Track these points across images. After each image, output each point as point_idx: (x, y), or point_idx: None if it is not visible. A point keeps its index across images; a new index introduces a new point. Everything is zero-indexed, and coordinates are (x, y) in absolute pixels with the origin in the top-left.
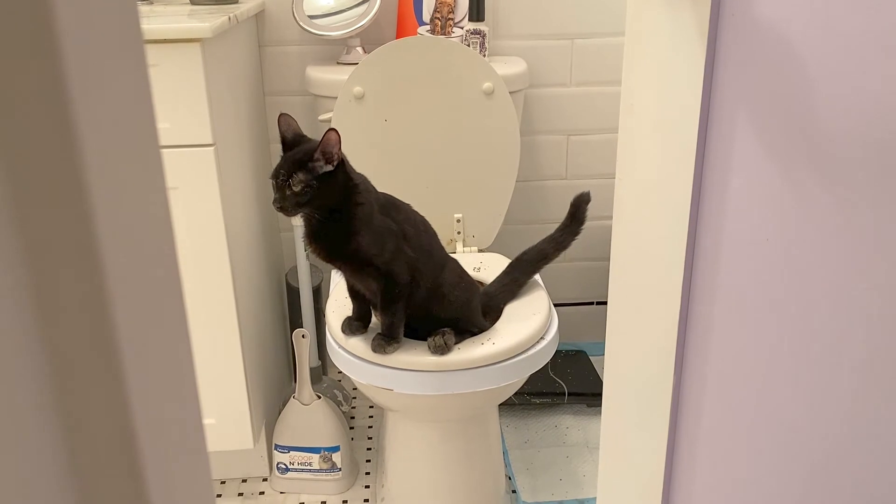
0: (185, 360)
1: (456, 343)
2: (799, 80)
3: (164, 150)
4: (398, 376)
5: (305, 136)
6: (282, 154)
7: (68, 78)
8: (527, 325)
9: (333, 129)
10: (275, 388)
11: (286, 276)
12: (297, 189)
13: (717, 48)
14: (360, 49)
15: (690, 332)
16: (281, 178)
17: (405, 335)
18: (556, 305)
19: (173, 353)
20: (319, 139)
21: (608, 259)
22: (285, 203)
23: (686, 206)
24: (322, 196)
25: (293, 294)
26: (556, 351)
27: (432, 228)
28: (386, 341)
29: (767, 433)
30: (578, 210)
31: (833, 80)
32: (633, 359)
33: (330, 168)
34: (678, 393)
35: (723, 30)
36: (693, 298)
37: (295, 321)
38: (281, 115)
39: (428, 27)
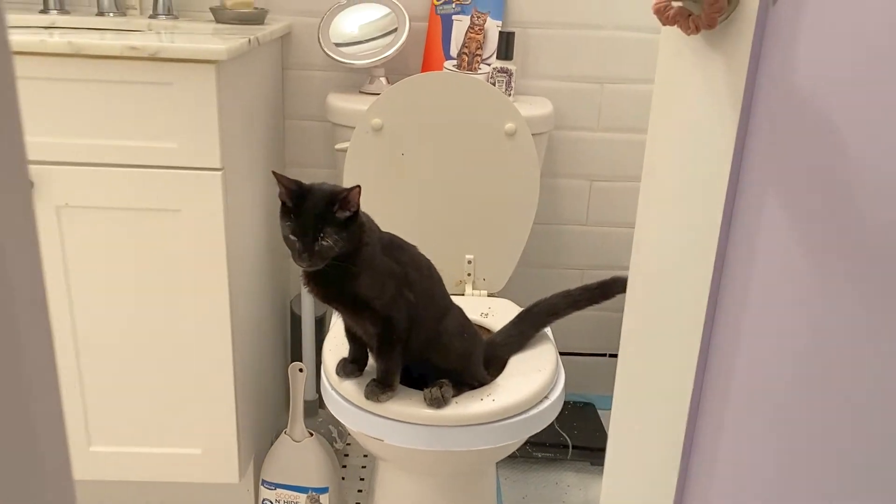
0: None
1: (454, 396)
2: (839, 158)
3: (170, 171)
4: (390, 427)
5: (301, 182)
6: (288, 206)
7: None
8: (530, 381)
9: (358, 188)
10: (268, 419)
11: (291, 303)
12: (327, 243)
13: (750, 115)
14: (383, 79)
15: (703, 404)
16: (308, 235)
17: (403, 383)
18: (566, 355)
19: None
20: (321, 183)
21: (622, 311)
22: (314, 260)
23: (707, 279)
24: (347, 244)
25: (296, 322)
26: (564, 402)
27: (437, 273)
28: (380, 388)
29: None
30: (611, 289)
31: (876, 161)
32: (641, 421)
33: (348, 214)
34: (685, 472)
35: (758, 96)
36: (709, 369)
37: (297, 350)
38: (275, 173)
39: (455, 62)
